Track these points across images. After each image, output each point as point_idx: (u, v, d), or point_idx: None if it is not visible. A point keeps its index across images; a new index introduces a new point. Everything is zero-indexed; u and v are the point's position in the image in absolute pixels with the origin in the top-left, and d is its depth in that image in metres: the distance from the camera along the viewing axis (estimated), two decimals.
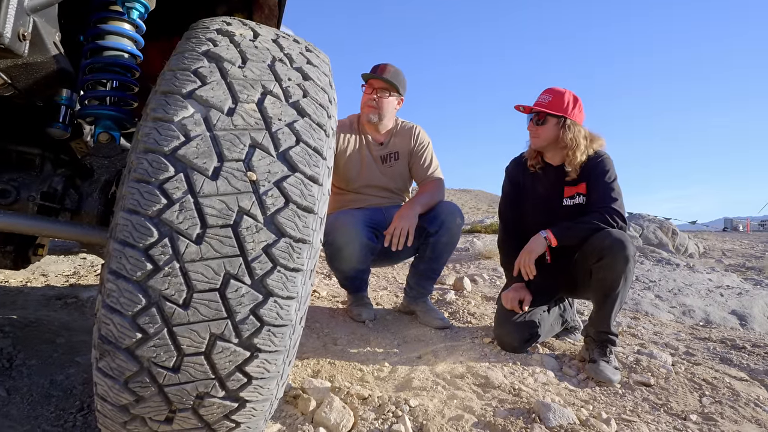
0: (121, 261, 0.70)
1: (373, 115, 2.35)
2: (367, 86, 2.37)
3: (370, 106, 2.34)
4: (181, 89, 0.77)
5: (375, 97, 2.33)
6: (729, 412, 1.54)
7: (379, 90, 2.33)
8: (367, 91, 2.36)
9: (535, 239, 1.96)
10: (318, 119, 0.86)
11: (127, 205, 0.71)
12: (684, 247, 9.31)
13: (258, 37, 0.92)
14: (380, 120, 2.38)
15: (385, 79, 2.30)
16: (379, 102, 2.33)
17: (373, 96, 2.33)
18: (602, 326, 1.83)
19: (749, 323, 3.21)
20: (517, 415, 1.34)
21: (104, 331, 0.72)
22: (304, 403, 1.27)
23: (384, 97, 2.34)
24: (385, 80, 2.31)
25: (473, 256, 5.26)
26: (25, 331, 1.63)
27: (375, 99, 2.33)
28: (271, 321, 0.77)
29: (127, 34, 1.15)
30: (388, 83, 2.32)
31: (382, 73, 2.31)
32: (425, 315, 2.36)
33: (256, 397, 0.82)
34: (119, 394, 0.75)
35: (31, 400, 1.20)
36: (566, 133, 1.98)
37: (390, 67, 2.34)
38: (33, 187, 1.05)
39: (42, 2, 0.90)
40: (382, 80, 2.31)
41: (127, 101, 1.19)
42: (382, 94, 2.33)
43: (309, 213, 0.79)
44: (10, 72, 0.92)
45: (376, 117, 2.36)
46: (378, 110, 2.35)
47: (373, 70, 2.35)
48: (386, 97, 2.35)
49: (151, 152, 0.73)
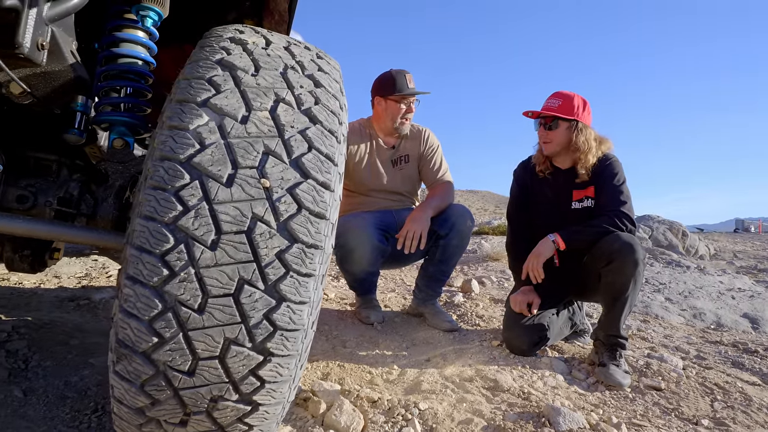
0: (138, 267, 0.72)
1: (406, 128, 2.42)
2: (401, 98, 2.35)
3: (407, 119, 2.40)
4: (195, 98, 0.79)
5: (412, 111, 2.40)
6: (741, 417, 1.52)
7: (413, 102, 2.39)
8: (404, 103, 2.37)
9: (544, 243, 1.96)
10: (329, 126, 0.87)
11: (143, 212, 0.73)
12: (694, 248, 9.22)
13: (270, 44, 0.93)
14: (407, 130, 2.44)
15: (422, 92, 2.37)
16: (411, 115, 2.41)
17: (412, 108, 2.39)
18: (612, 330, 1.82)
19: (761, 326, 3.17)
20: (526, 419, 1.34)
21: (121, 335, 0.73)
22: (315, 406, 1.28)
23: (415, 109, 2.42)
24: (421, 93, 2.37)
25: (481, 258, 5.25)
26: (39, 332, 1.66)
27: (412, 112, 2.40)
28: (284, 325, 0.78)
29: (141, 41, 1.18)
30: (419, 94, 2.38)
31: (413, 86, 2.36)
32: (434, 317, 2.36)
33: (268, 401, 0.83)
34: (135, 396, 0.77)
35: (47, 402, 1.22)
36: (579, 137, 1.97)
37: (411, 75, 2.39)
38: (50, 192, 1.07)
39: (60, 12, 0.92)
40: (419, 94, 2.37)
41: (141, 107, 1.21)
42: (415, 105, 2.41)
43: (321, 219, 0.81)
44: (29, 80, 0.94)
45: (407, 129, 2.43)
46: (409, 122, 2.42)
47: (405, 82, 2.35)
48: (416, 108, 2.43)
49: (167, 160, 0.75)
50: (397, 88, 2.31)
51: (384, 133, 2.44)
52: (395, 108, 2.35)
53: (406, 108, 2.36)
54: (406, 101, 2.35)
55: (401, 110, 2.35)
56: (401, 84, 2.33)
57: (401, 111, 2.35)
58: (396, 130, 2.40)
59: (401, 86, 2.32)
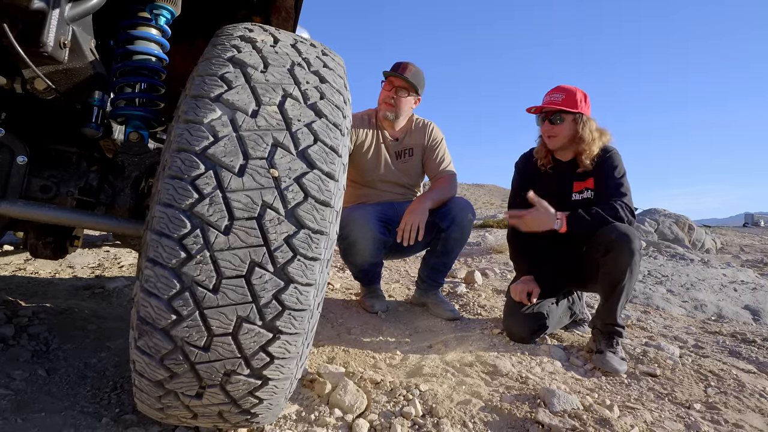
0: (158, 250, 0.78)
1: (390, 113, 2.42)
2: (387, 83, 2.42)
3: (389, 104, 2.41)
4: (209, 93, 0.85)
5: (393, 96, 2.40)
6: (733, 402, 1.57)
7: (398, 89, 2.39)
8: (387, 88, 2.42)
9: (548, 215, 1.94)
10: (334, 119, 0.92)
11: (162, 199, 0.79)
12: (701, 242, 9.19)
13: (278, 42, 0.99)
14: (396, 118, 2.45)
15: (405, 78, 2.36)
16: (397, 101, 2.40)
17: (392, 94, 2.40)
18: (609, 318, 1.87)
19: (762, 318, 3.20)
20: (522, 400, 1.40)
21: (143, 313, 0.80)
22: (320, 387, 1.35)
23: (402, 97, 2.41)
24: (406, 80, 2.37)
25: (485, 250, 5.30)
26: (58, 318, 1.74)
27: (393, 98, 2.40)
28: (292, 305, 0.84)
29: (155, 39, 1.24)
30: (408, 83, 2.38)
31: (403, 72, 2.37)
32: (436, 307, 2.42)
33: (277, 376, 0.89)
34: (155, 370, 0.83)
35: (69, 380, 1.29)
36: (585, 129, 2.01)
37: (411, 66, 2.40)
38: (71, 183, 1.13)
39: (80, 12, 0.98)
40: (402, 79, 2.37)
41: (155, 102, 1.27)
42: (401, 93, 2.40)
43: (326, 207, 0.86)
44: (52, 77, 1.01)
45: (392, 115, 2.43)
46: (395, 108, 2.42)
47: (395, 68, 2.40)
48: (404, 97, 2.41)
49: (183, 151, 0.80)
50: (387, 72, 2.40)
51: (387, 124, 2.49)
52: (382, 92, 2.43)
53: (389, 91, 2.40)
54: (390, 85, 2.40)
55: (385, 94, 2.41)
56: (393, 69, 2.39)
57: (385, 95, 2.41)
58: (384, 117, 2.44)
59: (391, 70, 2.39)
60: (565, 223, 1.94)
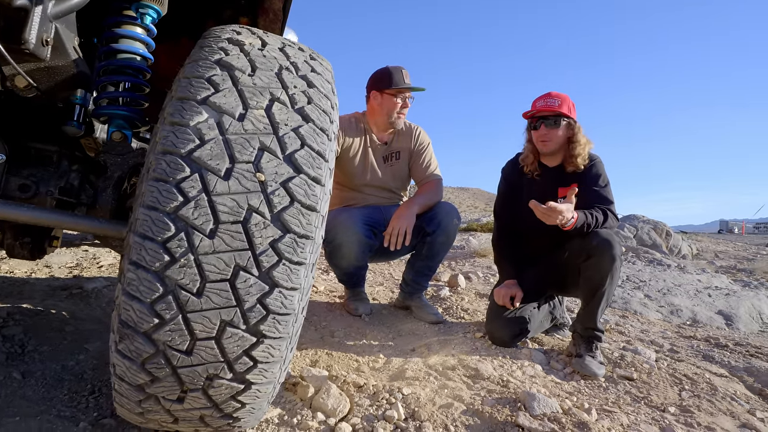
0: (141, 253, 0.77)
1: (401, 122, 2.48)
2: (399, 93, 2.40)
3: (403, 114, 2.46)
4: (196, 96, 0.84)
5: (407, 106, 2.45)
6: (706, 405, 1.62)
7: (409, 98, 2.45)
8: (399, 98, 2.41)
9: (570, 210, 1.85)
10: (321, 124, 0.93)
11: (146, 202, 0.78)
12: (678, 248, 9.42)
13: (266, 46, 0.99)
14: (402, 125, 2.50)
15: (418, 89, 2.42)
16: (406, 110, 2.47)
17: (407, 105, 2.45)
18: (589, 323, 1.91)
19: (735, 323, 3.30)
20: (503, 404, 1.42)
21: (124, 317, 0.79)
22: (303, 390, 1.35)
23: (410, 104, 2.47)
24: (418, 89, 2.42)
25: (468, 254, 5.34)
26: (34, 319, 1.70)
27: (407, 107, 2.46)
28: (276, 310, 0.84)
29: (140, 38, 1.22)
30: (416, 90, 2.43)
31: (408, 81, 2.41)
32: (420, 310, 2.43)
33: (260, 380, 0.89)
34: (136, 374, 0.82)
35: (45, 384, 1.27)
36: (578, 134, 2.06)
37: (406, 71, 2.43)
38: (51, 182, 1.11)
39: (64, 9, 0.96)
40: (415, 89, 2.42)
41: (139, 101, 1.25)
42: (409, 101, 2.46)
43: (312, 211, 0.86)
44: (33, 75, 0.99)
45: (402, 124, 2.49)
46: (404, 117, 2.48)
47: (402, 77, 2.39)
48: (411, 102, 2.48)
49: (168, 154, 0.80)
50: (394, 82, 2.37)
51: (378, 128, 2.49)
52: (391, 102, 2.40)
53: (402, 102, 2.41)
54: (402, 95, 2.41)
55: (397, 105, 2.40)
56: (398, 78, 2.38)
57: (397, 105, 2.40)
58: (391, 124, 2.45)
59: (398, 80, 2.37)
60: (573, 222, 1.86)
